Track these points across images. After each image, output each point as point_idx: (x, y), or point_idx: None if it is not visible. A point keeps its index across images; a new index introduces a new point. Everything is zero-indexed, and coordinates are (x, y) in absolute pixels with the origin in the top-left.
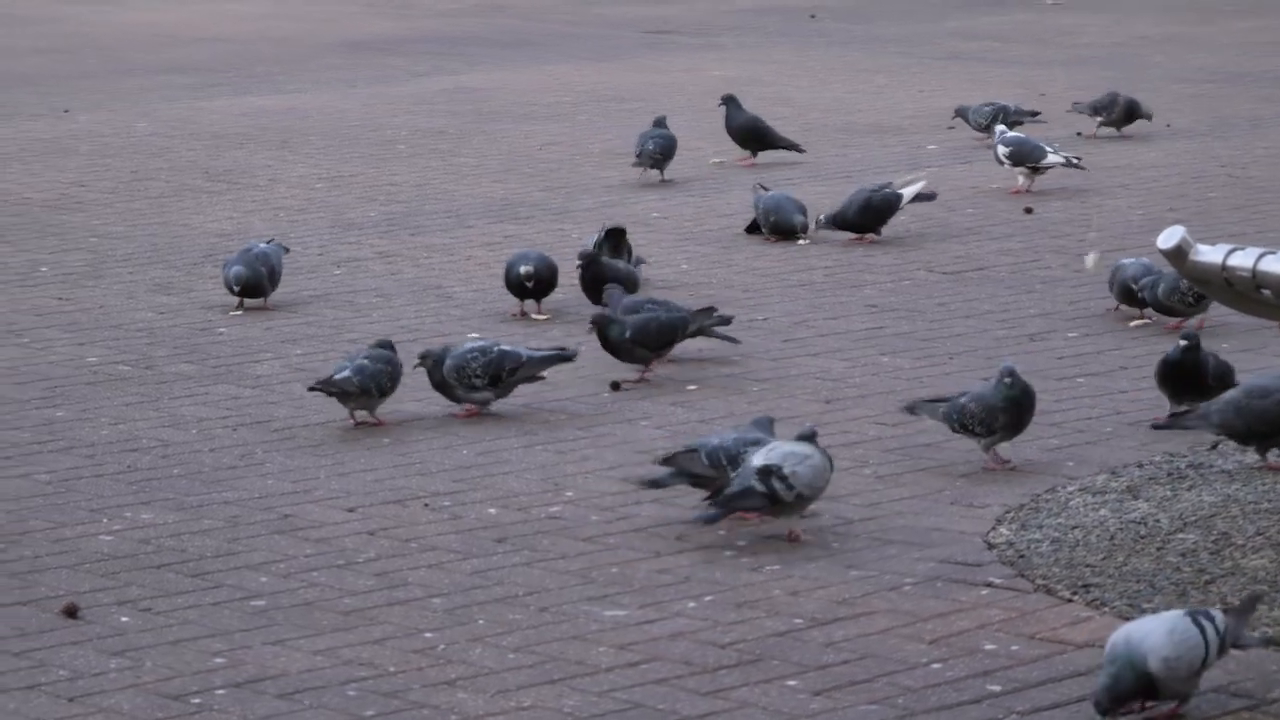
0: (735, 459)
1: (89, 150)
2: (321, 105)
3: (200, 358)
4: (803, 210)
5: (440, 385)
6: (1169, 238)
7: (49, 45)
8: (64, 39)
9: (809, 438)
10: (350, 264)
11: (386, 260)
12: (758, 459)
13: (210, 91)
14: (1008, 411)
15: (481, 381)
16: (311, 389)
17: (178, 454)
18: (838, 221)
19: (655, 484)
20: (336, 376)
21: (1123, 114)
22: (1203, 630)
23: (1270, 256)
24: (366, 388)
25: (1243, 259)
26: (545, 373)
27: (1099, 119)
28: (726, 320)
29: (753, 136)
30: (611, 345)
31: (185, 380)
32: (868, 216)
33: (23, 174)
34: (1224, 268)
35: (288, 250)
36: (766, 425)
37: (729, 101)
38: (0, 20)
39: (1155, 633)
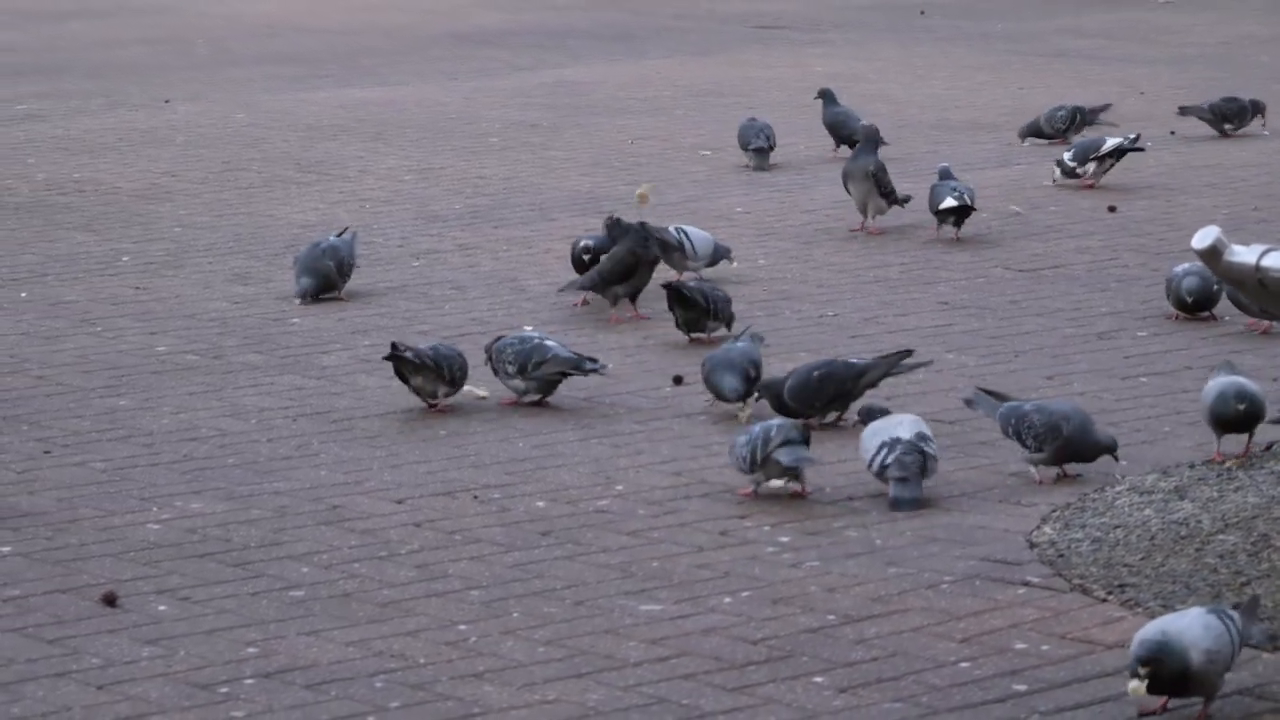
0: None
1: (184, 141)
2: (421, 97)
3: (269, 348)
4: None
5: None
6: (1204, 238)
7: (158, 35)
8: (174, 29)
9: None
10: (429, 256)
11: (465, 252)
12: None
13: (312, 83)
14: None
15: (513, 369)
16: (387, 358)
17: (234, 444)
18: None
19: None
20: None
21: (1251, 116)
22: (1228, 627)
23: None
24: (440, 366)
25: (1276, 259)
26: (574, 372)
27: (1229, 125)
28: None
29: (834, 131)
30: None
31: (251, 370)
32: None
33: (116, 163)
34: (1258, 268)
35: (354, 234)
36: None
37: (825, 95)
38: (114, 11)
39: (1192, 628)
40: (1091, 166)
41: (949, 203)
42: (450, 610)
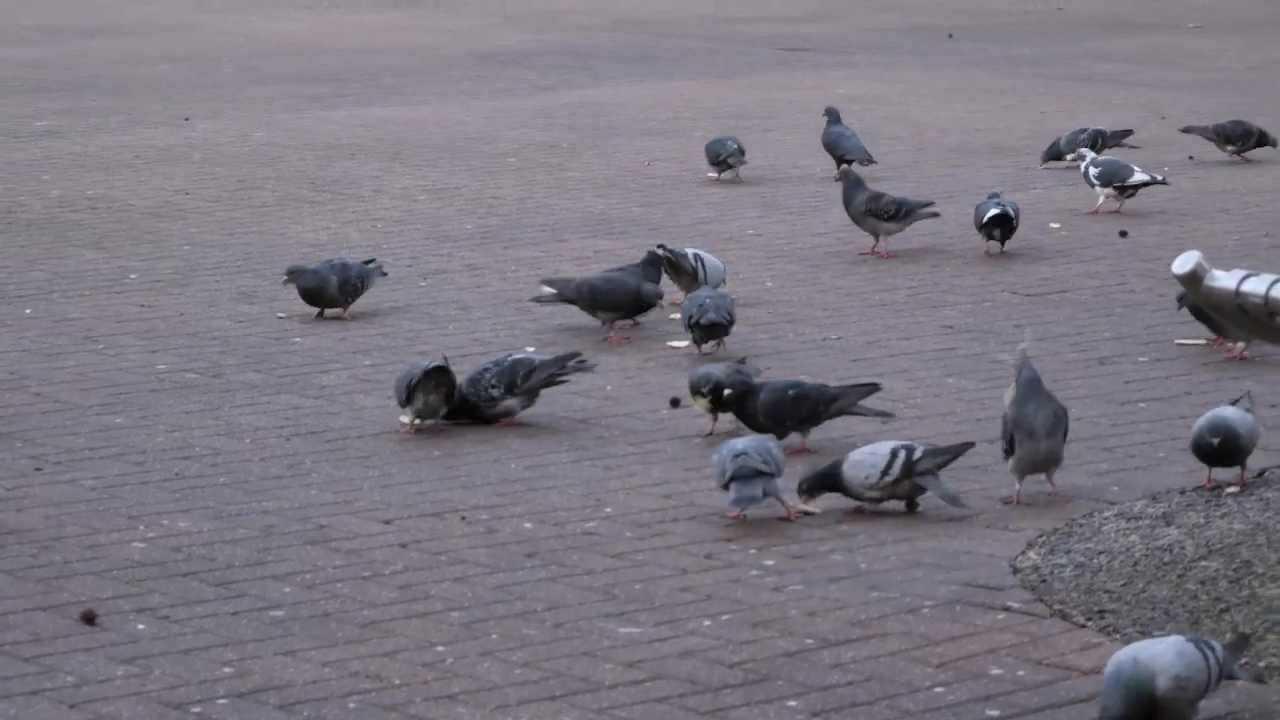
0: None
1: (201, 159)
2: (441, 117)
3: (269, 367)
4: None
5: (466, 408)
6: (1184, 262)
7: (183, 53)
8: (198, 47)
9: None
10: (437, 276)
11: (474, 273)
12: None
13: (334, 102)
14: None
15: (499, 391)
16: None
17: (226, 463)
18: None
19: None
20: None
21: (1255, 143)
22: (1205, 656)
23: None
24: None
25: (1256, 285)
26: (564, 373)
27: (1230, 147)
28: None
29: (829, 150)
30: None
31: (249, 389)
32: None
33: (131, 181)
34: (1237, 294)
35: (385, 274)
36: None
37: (829, 114)
38: (140, 28)
39: (1165, 654)
40: (1107, 194)
41: (992, 212)
42: (429, 631)
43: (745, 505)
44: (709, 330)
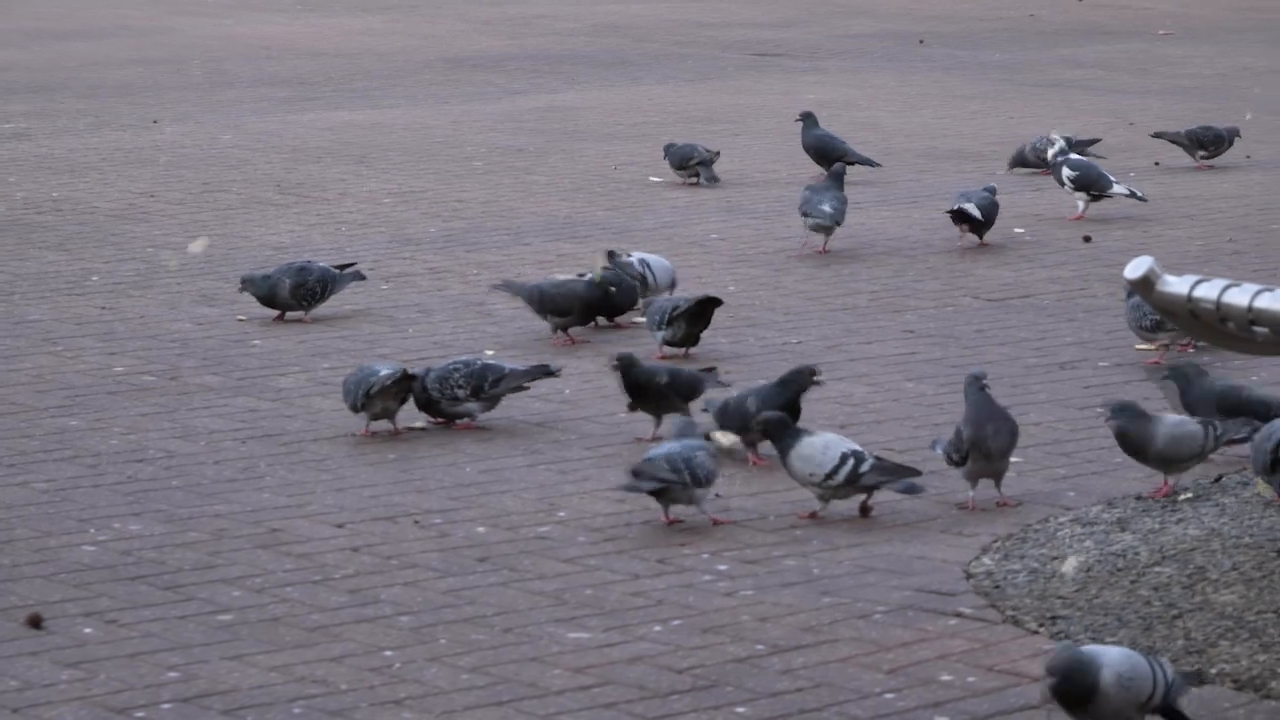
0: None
1: (167, 161)
2: (409, 121)
3: (227, 369)
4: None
5: (425, 403)
6: (1136, 268)
7: (155, 56)
8: (171, 50)
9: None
10: (399, 279)
11: (436, 276)
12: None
13: (303, 105)
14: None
15: (464, 393)
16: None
17: (180, 466)
18: None
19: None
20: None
21: (1226, 147)
22: (1154, 669)
23: (1235, 289)
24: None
25: (1207, 290)
26: (530, 384)
27: (1202, 153)
28: (724, 385)
29: (819, 153)
30: (637, 388)
31: (206, 392)
32: None
33: (97, 183)
34: (1189, 299)
35: (363, 278)
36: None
37: (806, 119)
38: (114, 31)
39: (1114, 652)
40: (1082, 199)
41: (955, 206)
42: (378, 636)
43: (630, 489)
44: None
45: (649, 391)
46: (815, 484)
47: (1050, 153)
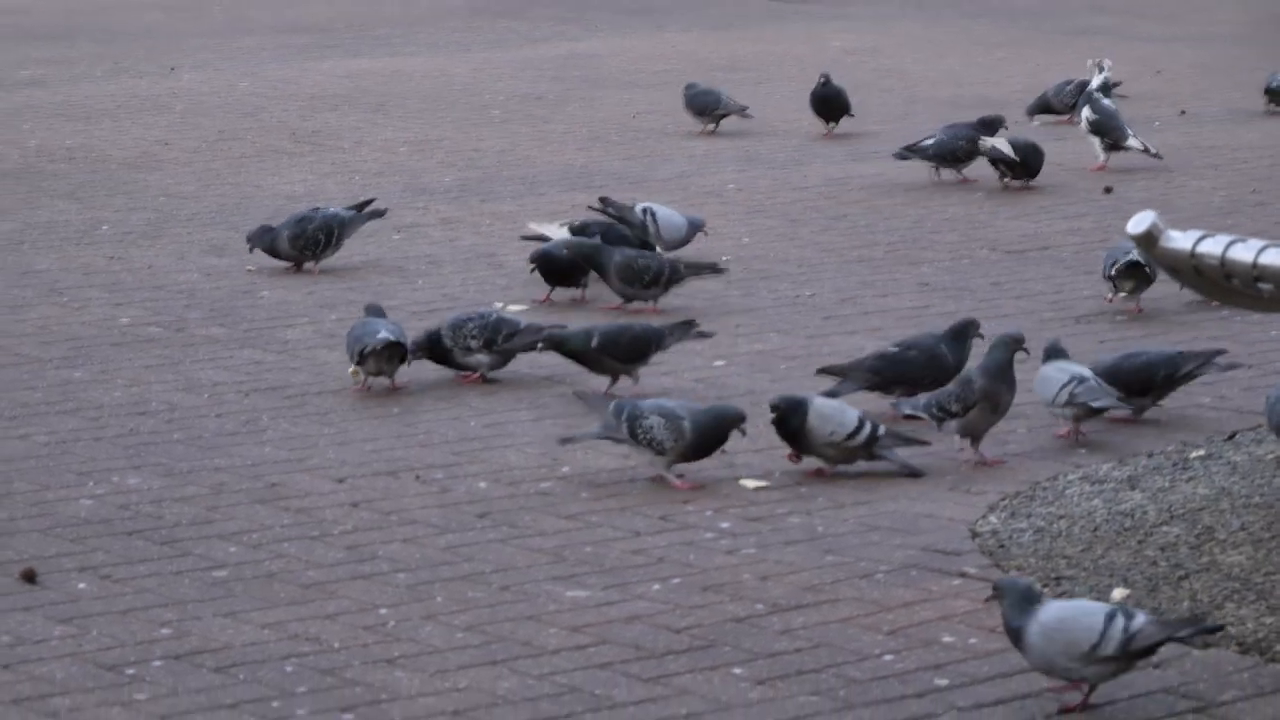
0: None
1: (183, 109)
2: (429, 69)
3: (233, 321)
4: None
5: (439, 356)
6: (1139, 223)
7: (174, 2)
8: None
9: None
10: (411, 229)
11: (448, 226)
12: None
13: (322, 52)
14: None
15: (477, 344)
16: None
17: (183, 419)
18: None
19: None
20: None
21: None
22: (1110, 622)
23: (1239, 244)
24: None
25: (1211, 246)
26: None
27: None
28: (707, 335)
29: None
30: (576, 357)
31: (212, 344)
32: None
33: (112, 131)
34: (1193, 255)
35: (382, 214)
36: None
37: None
38: None
39: (1052, 607)
40: (1100, 144)
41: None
42: (374, 593)
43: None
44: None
45: (585, 359)
46: (834, 443)
47: (1095, 81)
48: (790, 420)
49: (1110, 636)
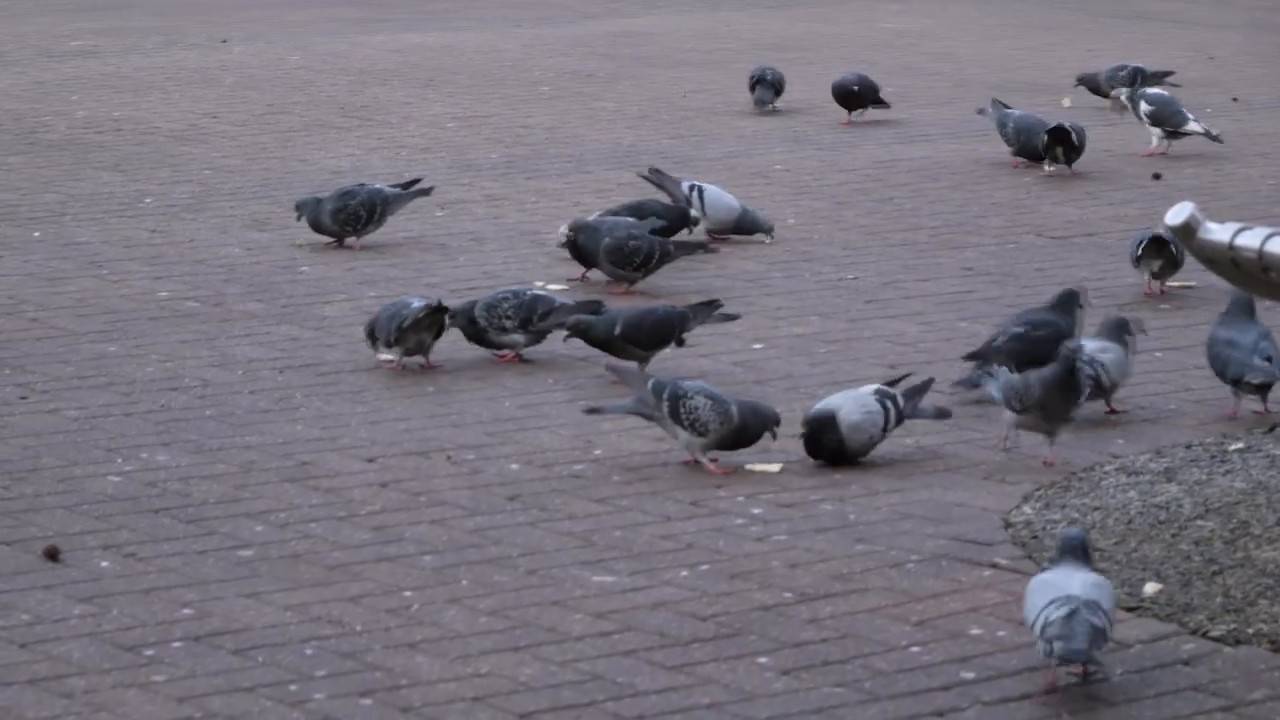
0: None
1: (233, 82)
2: (480, 44)
3: (272, 296)
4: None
5: (475, 335)
6: (1177, 214)
7: None
8: None
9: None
10: (455, 206)
11: (493, 203)
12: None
13: (374, 26)
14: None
15: (512, 323)
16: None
17: (215, 395)
18: None
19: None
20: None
21: None
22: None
23: (1277, 238)
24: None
25: (1250, 239)
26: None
27: None
28: (732, 317)
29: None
30: (600, 344)
31: (249, 319)
32: None
33: (160, 103)
34: (1231, 247)
35: (428, 192)
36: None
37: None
38: None
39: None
40: (1157, 135)
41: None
42: (399, 576)
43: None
44: None
45: (609, 347)
46: (875, 443)
47: (1124, 94)
48: (824, 439)
49: None
